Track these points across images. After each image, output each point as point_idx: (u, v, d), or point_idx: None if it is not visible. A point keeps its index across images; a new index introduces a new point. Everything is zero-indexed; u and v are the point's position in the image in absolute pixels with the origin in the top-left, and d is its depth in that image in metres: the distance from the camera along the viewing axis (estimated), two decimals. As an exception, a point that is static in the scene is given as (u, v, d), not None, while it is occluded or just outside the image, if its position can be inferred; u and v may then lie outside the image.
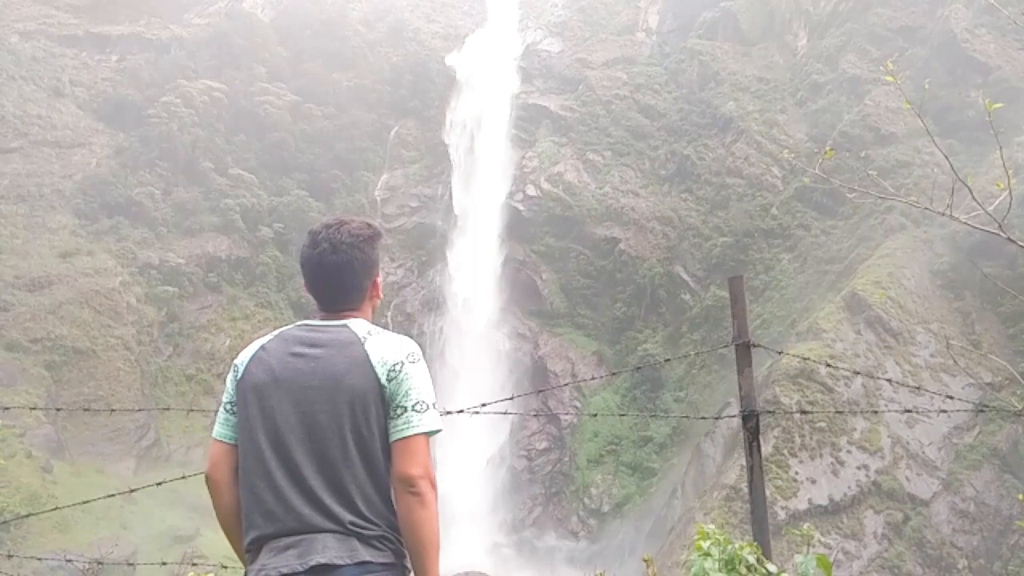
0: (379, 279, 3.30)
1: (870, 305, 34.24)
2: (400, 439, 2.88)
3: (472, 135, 55.32)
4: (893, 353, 33.35)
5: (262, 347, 3.07)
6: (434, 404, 2.96)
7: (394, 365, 2.92)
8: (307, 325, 3.11)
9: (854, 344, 33.52)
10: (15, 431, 34.94)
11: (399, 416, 2.89)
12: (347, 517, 2.83)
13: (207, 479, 3.09)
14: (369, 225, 3.26)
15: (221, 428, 3.09)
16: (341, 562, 2.78)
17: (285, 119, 55.40)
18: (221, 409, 3.11)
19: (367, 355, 2.93)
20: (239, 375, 3.04)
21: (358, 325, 3.07)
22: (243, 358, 3.07)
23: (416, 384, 2.93)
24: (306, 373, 2.93)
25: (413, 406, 2.90)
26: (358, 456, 2.87)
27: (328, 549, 2.79)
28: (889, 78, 5.18)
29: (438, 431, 2.93)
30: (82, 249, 45.45)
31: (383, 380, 2.90)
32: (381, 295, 3.35)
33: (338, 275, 3.14)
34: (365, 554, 2.82)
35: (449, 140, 56.21)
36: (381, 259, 3.33)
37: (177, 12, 61.68)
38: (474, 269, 50.60)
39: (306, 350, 2.98)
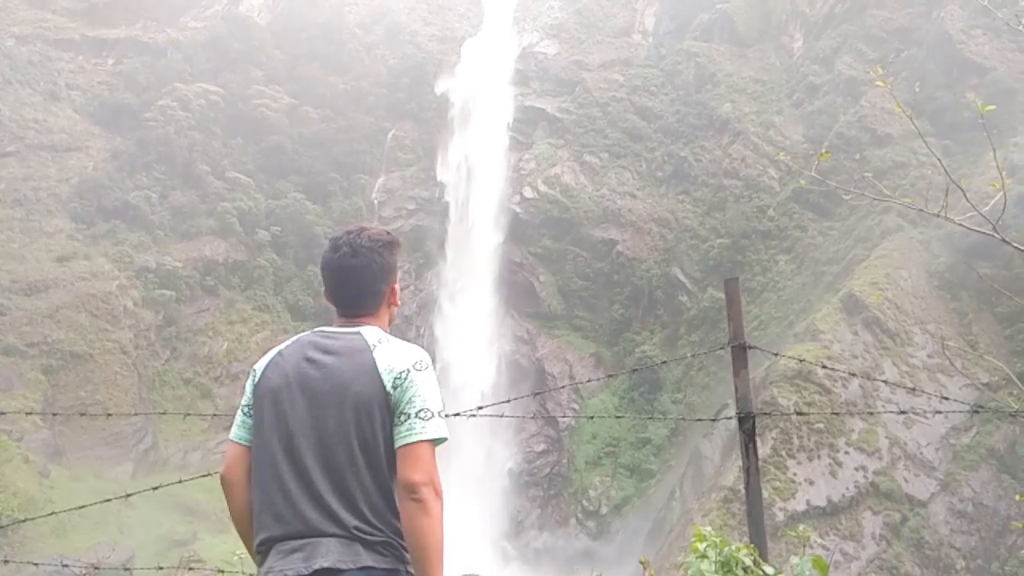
0: (397, 286, 3.36)
1: (867, 306, 34.28)
2: (404, 445, 2.90)
3: (469, 173, 53.62)
4: (890, 354, 33.40)
5: (279, 352, 3.16)
6: (440, 412, 2.98)
7: (400, 372, 2.96)
8: (323, 332, 3.18)
9: (851, 345, 33.56)
10: (12, 435, 34.87)
11: (403, 423, 2.92)
12: (352, 522, 2.86)
13: (222, 479, 3.15)
14: (388, 233, 3.35)
15: (238, 430, 3.17)
16: (344, 567, 2.81)
17: (282, 122, 55.37)
18: (239, 411, 3.19)
19: (374, 362, 2.98)
20: (256, 379, 3.13)
21: (370, 333, 3.12)
22: (261, 363, 3.16)
23: (421, 392, 2.96)
24: (317, 379, 2.99)
25: (417, 413, 2.92)
26: (364, 462, 2.91)
27: (331, 553, 2.83)
28: (880, 83, 5.17)
29: (443, 439, 2.95)
30: (79, 253, 45.37)
31: (388, 387, 2.94)
32: (399, 302, 3.40)
33: (357, 278, 3.21)
34: (368, 559, 2.85)
35: (445, 179, 54.57)
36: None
37: (173, 16, 61.62)
38: (469, 327, 48.90)
39: (319, 356, 3.04)
